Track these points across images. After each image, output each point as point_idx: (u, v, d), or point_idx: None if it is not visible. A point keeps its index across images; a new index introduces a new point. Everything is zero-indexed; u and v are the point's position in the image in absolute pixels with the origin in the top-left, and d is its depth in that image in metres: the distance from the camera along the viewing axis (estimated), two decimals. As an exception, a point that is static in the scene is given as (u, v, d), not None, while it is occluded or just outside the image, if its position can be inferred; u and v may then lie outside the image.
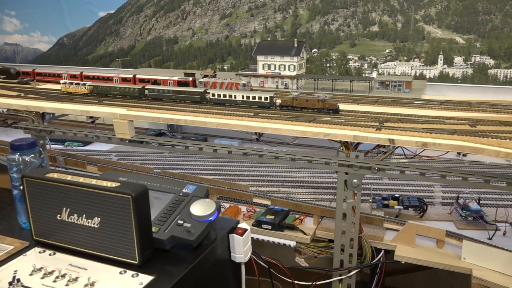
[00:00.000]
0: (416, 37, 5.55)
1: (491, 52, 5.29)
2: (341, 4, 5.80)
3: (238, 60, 6.85)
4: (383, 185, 4.52)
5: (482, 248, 3.06)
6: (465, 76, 5.39)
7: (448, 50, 5.44)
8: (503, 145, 2.70)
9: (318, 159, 3.17)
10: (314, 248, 3.57)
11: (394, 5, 5.51)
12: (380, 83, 4.77)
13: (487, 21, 5.22)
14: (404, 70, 5.82)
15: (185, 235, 2.05)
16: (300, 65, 5.08)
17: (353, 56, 6.07)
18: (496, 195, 4.20)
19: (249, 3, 6.53)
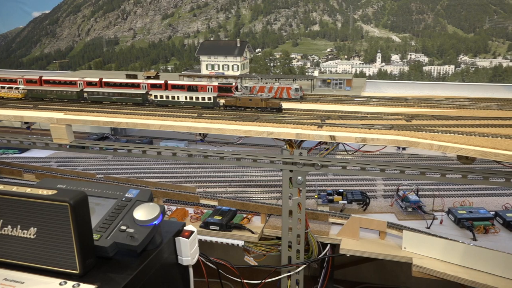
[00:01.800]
0: (355, 36, 5.72)
1: (425, 50, 5.55)
2: (283, 4, 5.87)
3: (182, 61, 6.78)
4: (328, 181, 4.64)
5: (420, 237, 3.21)
6: (402, 73, 5.62)
7: (385, 48, 5.65)
8: (436, 138, 2.84)
9: (262, 157, 3.19)
10: (263, 247, 3.59)
11: (334, 5, 5.65)
12: (322, 82, 4.88)
13: (421, 20, 5.47)
14: (345, 68, 5.98)
15: (129, 241, 1.99)
16: (244, 65, 5.10)
17: (296, 55, 6.16)
18: (433, 185, 4.42)
19: (191, 3, 6.47)
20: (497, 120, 3.33)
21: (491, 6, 5.19)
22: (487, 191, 4.28)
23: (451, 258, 3.07)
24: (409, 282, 5.01)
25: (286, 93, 4.09)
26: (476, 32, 5.28)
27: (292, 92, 4.09)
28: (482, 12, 5.23)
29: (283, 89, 4.08)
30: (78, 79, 4.50)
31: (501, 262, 2.90)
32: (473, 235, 3.42)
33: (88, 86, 4.45)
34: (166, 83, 4.31)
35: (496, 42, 5.29)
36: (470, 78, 5.35)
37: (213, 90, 4.18)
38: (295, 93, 4.10)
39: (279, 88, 4.08)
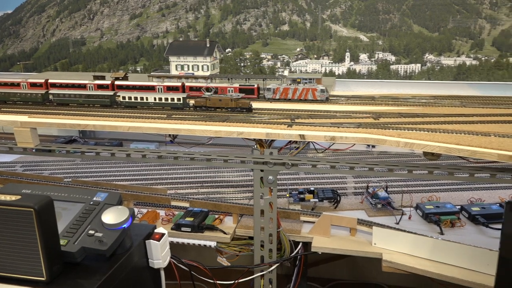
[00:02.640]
0: (324, 36, 5.78)
1: (392, 49, 5.66)
2: (252, 4, 5.88)
3: (151, 61, 6.69)
4: (299, 179, 4.67)
5: (390, 232, 3.27)
6: (370, 71, 5.71)
7: (354, 47, 5.73)
8: (402, 135, 2.90)
9: (233, 158, 3.19)
10: (235, 247, 3.59)
11: (302, 5, 5.69)
12: (292, 81, 4.91)
13: (387, 20, 5.57)
14: (315, 68, 6.03)
15: (97, 245, 1.96)
16: (214, 65, 5.08)
17: (266, 55, 6.17)
18: (401, 182, 4.52)
19: (159, 3, 6.39)
20: (460, 117, 3.42)
21: (454, 6, 5.33)
22: (453, 186, 4.41)
23: (420, 252, 3.14)
24: (380, 277, 5.10)
25: (312, 95, 4.02)
26: (440, 31, 5.41)
27: (318, 93, 4.01)
28: (445, 12, 5.35)
29: (308, 91, 4.00)
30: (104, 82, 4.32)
31: (467, 254, 2.99)
32: (440, 229, 3.52)
33: (57, 88, 4.32)
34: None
35: (459, 41, 5.42)
36: (435, 76, 5.48)
37: (234, 91, 4.12)
38: (321, 94, 4.01)
39: (304, 89, 4.00)
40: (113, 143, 5.53)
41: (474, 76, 5.75)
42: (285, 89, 4.03)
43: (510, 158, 2.54)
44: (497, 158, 2.58)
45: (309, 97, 4.02)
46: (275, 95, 4.07)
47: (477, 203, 3.97)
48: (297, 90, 4.01)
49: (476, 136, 2.89)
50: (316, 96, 4.01)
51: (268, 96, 4.11)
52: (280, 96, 4.06)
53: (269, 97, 4.11)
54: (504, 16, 6.33)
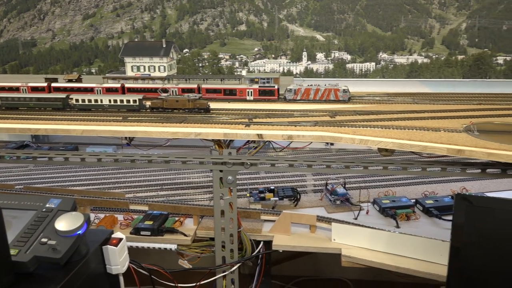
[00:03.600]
0: (281, 36, 5.83)
1: (347, 48, 5.78)
2: (209, 4, 5.85)
3: (107, 63, 6.53)
4: (260, 179, 4.69)
5: (348, 228, 3.34)
6: (327, 70, 5.81)
7: (310, 47, 5.81)
8: (357, 132, 2.97)
9: (192, 159, 3.16)
10: (196, 249, 3.56)
11: (259, 5, 5.71)
12: (249, 81, 4.91)
13: (342, 20, 5.69)
14: (273, 67, 6.08)
15: (51, 254, 1.89)
16: (171, 66, 5.01)
17: (224, 55, 6.15)
18: (359, 178, 4.62)
19: (113, 3, 6.25)
20: (412, 113, 3.55)
21: (405, 6, 5.52)
22: (408, 180, 4.55)
23: (377, 246, 3.23)
24: (342, 272, 5.19)
25: (334, 95, 3.99)
26: (393, 30, 5.59)
27: (340, 93, 3.98)
28: (397, 12, 5.53)
29: (330, 91, 3.96)
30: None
31: (421, 246, 3.10)
32: (396, 222, 3.62)
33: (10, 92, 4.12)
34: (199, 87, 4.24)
35: (411, 40, 5.62)
36: (389, 74, 5.65)
37: (253, 93, 4.10)
38: (343, 94, 3.99)
39: (326, 90, 3.96)
40: (68, 148, 5.35)
41: (426, 73, 6.00)
42: (307, 90, 3.99)
43: (458, 152, 2.66)
44: (446, 152, 2.69)
45: (331, 97, 4.00)
46: (296, 96, 4.02)
47: (431, 196, 4.12)
48: (319, 91, 3.98)
49: (427, 132, 3.00)
50: (339, 97, 4.00)
51: (289, 97, 4.06)
52: (301, 97, 4.02)
53: (290, 98, 4.05)
54: (452, 15, 6.66)
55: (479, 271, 2.50)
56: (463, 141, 2.79)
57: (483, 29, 9.60)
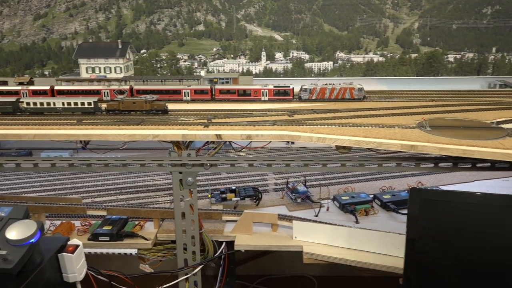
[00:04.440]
0: (239, 36, 5.82)
1: (305, 48, 5.85)
2: (165, 4, 5.76)
3: (61, 64, 6.31)
4: (221, 179, 4.67)
5: (309, 225, 3.38)
6: (286, 70, 5.85)
7: (269, 47, 5.85)
8: (315, 130, 3.01)
9: (150, 161, 3.10)
10: (157, 252, 3.50)
11: (217, 5, 5.68)
12: (209, 81, 4.89)
13: (299, 19, 5.75)
14: (232, 67, 6.07)
15: (1, 264, 1.82)
16: (127, 67, 4.91)
17: (183, 56, 6.09)
18: (319, 175, 4.68)
19: (66, 3, 6.05)
20: (368, 111, 3.63)
21: (360, 6, 5.64)
22: (367, 176, 4.66)
23: (337, 242, 3.28)
24: (306, 269, 5.25)
25: (349, 94, 4.03)
26: (349, 30, 5.70)
27: (356, 92, 4.03)
28: (353, 12, 5.65)
29: (345, 90, 4.00)
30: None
31: (380, 240, 3.17)
32: (355, 218, 3.70)
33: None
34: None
35: (367, 39, 5.76)
36: (347, 73, 5.78)
37: (268, 94, 4.06)
38: (359, 93, 4.04)
39: (341, 89, 4.00)
40: (21, 153, 5.14)
41: (381, 71, 6.18)
42: (322, 89, 4.03)
43: (411, 147, 2.74)
44: (400, 148, 2.77)
45: (347, 96, 4.05)
46: (311, 95, 4.05)
47: (388, 191, 4.23)
48: (335, 90, 4.03)
49: (382, 128, 3.07)
50: (354, 95, 4.05)
51: (304, 97, 4.08)
52: (317, 96, 4.05)
53: (305, 98, 4.08)
54: (405, 15, 6.87)
55: (434, 262, 2.59)
56: (416, 137, 2.88)
57: (434, 28, 9.98)
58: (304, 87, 4.09)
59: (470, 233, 2.57)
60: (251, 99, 4.13)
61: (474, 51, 11.83)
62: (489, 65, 10.09)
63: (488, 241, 2.56)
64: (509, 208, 2.53)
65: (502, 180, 4.45)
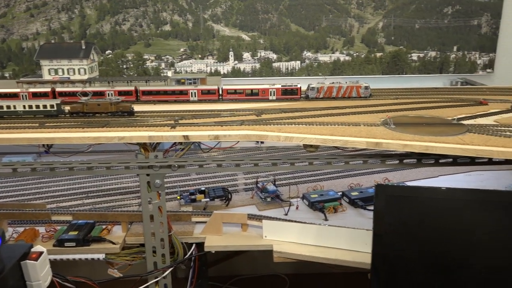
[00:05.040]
0: (207, 36, 5.81)
1: (273, 48, 5.88)
2: (131, 4, 5.69)
3: (22, 66, 6.13)
4: (191, 180, 4.64)
5: (278, 224, 3.41)
6: (254, 70, 5.88)
7: (237, 47, 5.85)
8: (282, 130, 3.03)
9: (116, 164, 3.05)
10: (126, 256, 3.45)
11: (183, 5, 5.66)
12: (176, 82, 4.85)
13: (266, 19, 5.78)
14: (200, 68, 6.04)
15: (-41, 275, 1.75)
16: (92, 68, 4.82)
17: (150, 56, 6.03)
18: (289, 174, 4.72)
19: (26, 2, 5.88)
20: (335, 109, 3.68)
21: (326, 6, 5.74)
22: (335, 174, 4.72)
23: (307, 239, 3.32)
24: (278, 267, 5.29)
25: (356, 92, 4.10)
26: (315, 30, 5.79)
27: (362, 90, 4.11)
28: (319, 12, 5.75)
29: (352, 88, 4.08)
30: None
31: (348, 236, 3.23)
32: (324, 215, 3.75)
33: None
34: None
35: (333, 39, 5.87)
36: (314, 72, 5.85)
37: (276, 93, 4.05)
38: (365, 91, 4.12)
39: (348, 87, 4.06)
40: (-20, 159, 4.96)
41: (348, 70, 6.31)
42: (329, 87, 4.08)
43: (376, 144, 2.80)
44: (366, 145, 2.82)
45: (354, 94, 4.12)
46: (319, 94, 4.09)
47: (356, 188, 4.30)
48: (342, 88, 4.08)
49: (348, 127, 3.12)
50: (360, 93, 4.13)
51: (311, 96, 4.11)
52: (324, 95, 4.09)
53: (313, 96, 4.11)
54: (369, 15, 7.06)
55: (400, 256, 2.66)
56: (381, 134, 2.94)
57: (398, 28, 10.32)
58: (312, 86, 4.14)
59: (434, 227, 2.64)
60: (258, 98, 4.12)
61: (437, 49, 12.27)
62: (450, 64, 10.48)
63: (452, 234, 2.64)
64: (471, 201, 2.62)
65: (465, 175, 4.60)
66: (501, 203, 2.58)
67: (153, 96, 4.14)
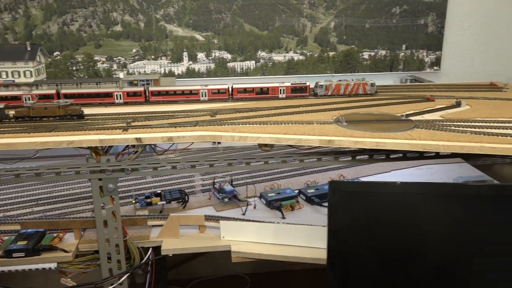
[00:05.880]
0: (159, 36, 5.72)
1: (227, 48, 5.87)
2: (79, 4, 5.51)
3: (-37, 69, 5.80)
4: (146, 183, 4.55)
5: (236, 224, 3.40)
6: (209, 70, 5.85)
7: (190, 47, 5.80)
8: (237, 130, 3.03)
9: (66, 169, 2.95)
10: (80, 264, 3.34)
11: (134, 5, 5.54)
12: (128, 83, 4.75)
13: (220, 19, 5.76)
14: (154, 69, 5.94)
15: None
16: (39, 70, 4.63)
17: (101, 57, 5.87)
18: (246, 174, 4.72)
19: (-35, 2, 5.58)
20: (289, 108, 3.72)
21: (279, 6, 5.79)
22: (292, 172, 4.77)
23: (264, 238, 3.33)
24: (239, 268, 5.28)
25: (363, 89, 4.25)
26: (269, 29, 5.83)
27: (368, 87, 4.27)
28: (272, 12, 5.79)
29: (359, 85, 4.22)
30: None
31: (304, 233, 3.27)
32: (281, 214, 3.78)
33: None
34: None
35: (287, 39, 5.93)
36: (269, 72, 5.89)
37: (285, 91, 4.13)
38: (371, 88, 4.28)
39: (355, 84, 4.21)
40: None
41: (302, 69, 6.41)
42: (337, 85, 4.23)
43: (329, 142, 2.85)
44: (319, 143, 2.87)
45: (360, 91, 4.27)
46: (327, 91, 4.23)
47: (312, 185, 4.36)
48: (349, 85, 4.24)
49: (301, 125, 3.16)
50: (367, 90, 4.29)
51: (320, 93, 4.25)
52: (332, 92, 4.24)
53: (321, 94, 4.25)
54: (321, 15, 7.22)
55: (355, 251, 2.72)
56: (333, 132, 2.99)
57: (349, 27, 10.60)
58: (320, 84, 4.28)
59: (387, 221, 2.72)
60: (269, 97, 4.18)
61: (386, 48, 12.77)
62: (400, 62, 10.95)
63: (404, 227, 2.73)
64: (422, 195, 2.72)
65: (415, 169, 4.77)
66: (450, 195, 2.69)
67: (162, 96, 4.13)
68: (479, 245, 2.68)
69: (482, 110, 3.72)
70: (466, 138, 2.91)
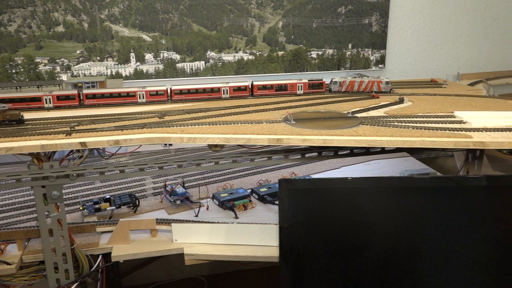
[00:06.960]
0: (105, 37, 5.56)
1: (175, 48, 5.80)
2: (16, 4, 5.26)
3: None
4: (95, 189, 4.41)
5: (188, 226, 3.37)
6: (158, 71, 5.76)
7: (138, 48, 5.67)
8: (186, 131, 3.00)
9: (5, 177, 2.80)
10: (24, 276, 3.19)
11: (76, 5, 5.35)
12: (72, 86, 4.59)
13: (167, 19, 5.68)
14: (100, 70, 5.77)
15: None
16: (-26, 74, 4.37)
17: (42, 59, 5.62)
18: (198, 175, 4.68)
19: None
20: (238, 108, 3.73)
21: (227, 6, 5.78)
22: (244, 172, 4.78)
23: (217, 239, 3.32)
24: (195, 270, 5.24)
25: (377, 87, 4.29)
26: (218, 29, 5.81)
27: (383, 85, 4.28)
28: (220, 11, 5.77)
29: (374, 83, 4.27)
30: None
31: (257, 232, 3.29)
32: (235, 213, 3.78)
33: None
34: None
35: (236, 38, 5.93)
36: (219, 72, 5.87)
37: (303, 87, 4.25)
38: (386, 86, 4.30)
39: (370, 82, 4.27)
40: None
41: (252, 69, 6.44)
42: (351, 82, 4.33)
43: (277, 141, 2.88)
44: (268, 142, 2.89)
45: (375, 88, 4.32)
46: (341, 88, 4.35)
47: (265, 184, 4.39)
48: (363, 83, 4.31)
49: (251, 125, 3.18)
50: (381, 88, 4.32)
51: (334, 89, 4.38)
52: (346, 89, 4.35)
53: (336, 90, 4.37)
54: (269, 15, 7.29)
55: (306, 246, 2.77)
56: (281, 131, 3.02)
57: (297, 27, 10.76)
58: (334, 80, 4.41)
59: (336, 216, 2.79)
60: (287, 93, 4.32)
61: (333, 47, 13.07)
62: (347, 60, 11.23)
63: (353, 221, 2.81)
64: (369, 189, 2.80)
65: (364, 164, 4.92)
66: (396, 188, 2.80)
67: (185, 95, 4.16)
68: (423, 235, 2.80)
69: (423, 106, 3.88)
70: (408, 133, 3.02)
